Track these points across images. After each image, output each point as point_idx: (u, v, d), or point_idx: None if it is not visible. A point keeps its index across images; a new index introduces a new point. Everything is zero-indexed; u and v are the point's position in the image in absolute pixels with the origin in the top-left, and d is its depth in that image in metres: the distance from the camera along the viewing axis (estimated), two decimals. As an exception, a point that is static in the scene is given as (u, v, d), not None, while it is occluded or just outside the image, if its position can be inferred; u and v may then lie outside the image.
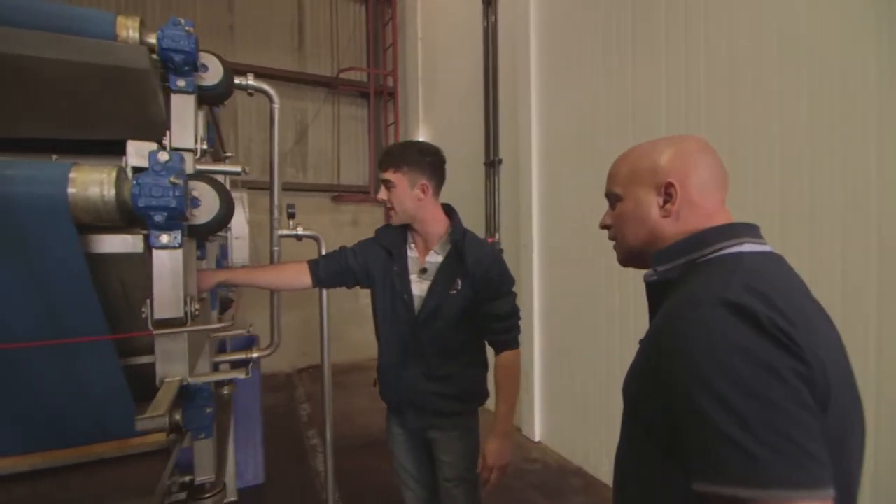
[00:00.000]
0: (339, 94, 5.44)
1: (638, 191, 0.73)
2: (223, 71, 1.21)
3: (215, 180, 0.99)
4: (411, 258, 1.54)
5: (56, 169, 0.72)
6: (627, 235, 0.76)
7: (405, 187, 1.42)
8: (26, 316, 0.80)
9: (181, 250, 0.85)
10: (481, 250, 1.49)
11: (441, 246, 1.50)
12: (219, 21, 4.93)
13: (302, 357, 5.07)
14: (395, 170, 1.42)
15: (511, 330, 1.50)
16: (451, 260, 1.47)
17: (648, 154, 0.74)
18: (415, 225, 1.50)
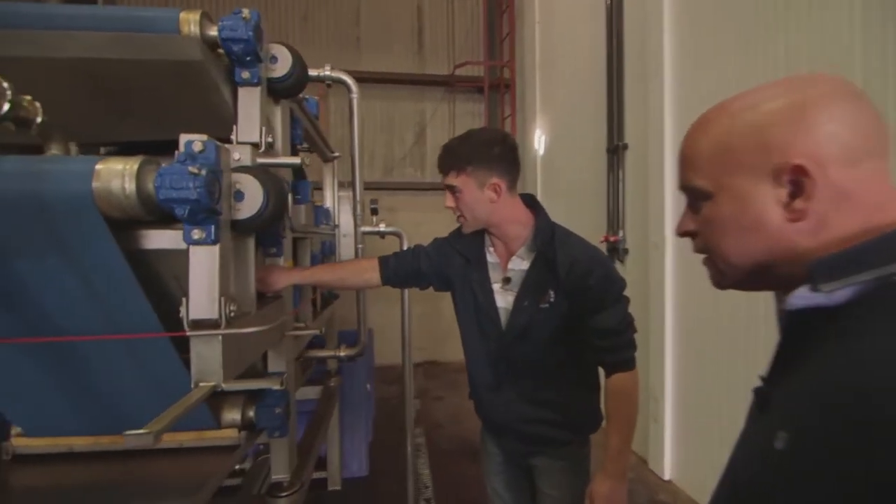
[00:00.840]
0: (455, 92, 5.42)
1: (738, 182, 0.46)
2: (292, 61, 1.17)
3: (267, 174, 0.92)
4: (492, 264, 1.32)
5: (83, 163, 0.70)
6: (729, 250, 0.48)
7: (473, 191, 1.19)
8: (80, 312, 0.82)
9: (217, 247, 0.79)
10: (576, 251, 1.22)
11: (526, 250, 1.26)
12: (347, 34, 5.30)
13: (418, 352, 5.19)
14: (459, 172, 1.19)
15: (622, 348, 1.21)
16: (539, 266, 1.23)
17: (749, 117, 0.45)
18: (491, 229, 1.28)
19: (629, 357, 1.21)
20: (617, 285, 1.21)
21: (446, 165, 1.22)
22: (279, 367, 1.27)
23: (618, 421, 1.20)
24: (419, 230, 5.48)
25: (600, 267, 1.20)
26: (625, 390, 1.21)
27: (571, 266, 1.19)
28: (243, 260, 0.99)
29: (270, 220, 0.91)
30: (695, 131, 0.50)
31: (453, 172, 1.21)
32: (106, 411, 1.03)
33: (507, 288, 1.28)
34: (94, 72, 0.93)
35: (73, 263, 0.75)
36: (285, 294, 1.29)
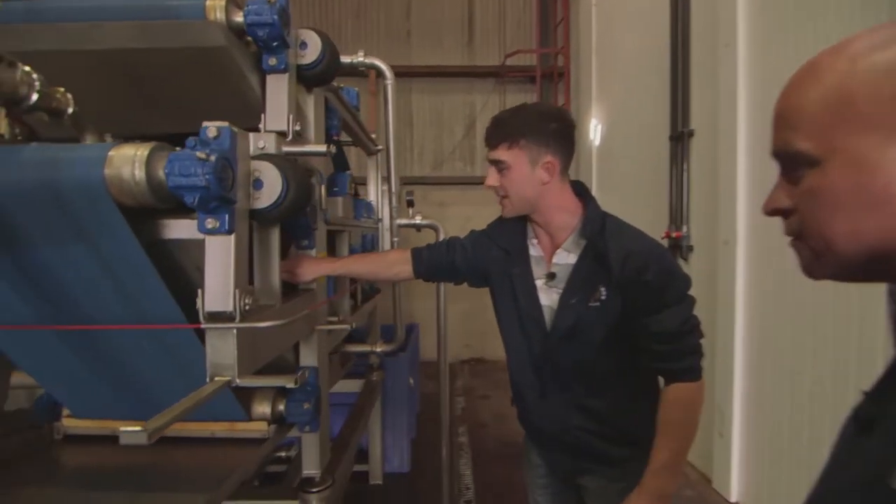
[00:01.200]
0: (506, 82, 5.27)
1: (858, 144, 0.35)
2: (322, 47, 1.12)
3: (289, 162, 0.88)
4: (535, 257, 1.20)
5: (97, 150, 0.69)
6: (837, 232, 0.37)
7: (524, 168, 1.07)
8: (105, 300, 0.82)
9: (231, 237, 0.76)
10: (631, 242, 1.08)
11: (573, 241, 1.13)
12: (398, 28, 5.30)
13: (465, 349, 5.13)
14: (511, 144, 1.07)
15: (684, 354, 1.06)
16: (588, 260, 1.10)
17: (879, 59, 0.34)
18: (535, 216, 1.15)
19: (692, 365, 1.06)
20: (680, 282, 1.06)
21: (496, 137, 1.10)
22: (310, 361, 1.25)
23: (670, 434, 1.06)
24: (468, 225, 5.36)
25: (660, 261, 1.05)
26: (684, 402, 1.06)
27: (626, 259, 1.05)
28: (267, 251, 0.96)
29: (291, 209, 0.87)
30: (799, 81, 0.39)
31: (504, 145, 1.08)
32: (141, 397, 1.05)
33: (551, 284, 1.15)
34: (124, 63, 0.93)
35: (94, 252, 0.75)
36: (318, 286, 1.26)
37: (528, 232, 1.21)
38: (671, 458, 1.06)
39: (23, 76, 0.74)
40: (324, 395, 1.28)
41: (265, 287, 0.96)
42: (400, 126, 5.33)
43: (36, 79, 0.76)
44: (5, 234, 0.72)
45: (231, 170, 0.74)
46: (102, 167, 0.67)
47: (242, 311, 0.78)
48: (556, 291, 1.14)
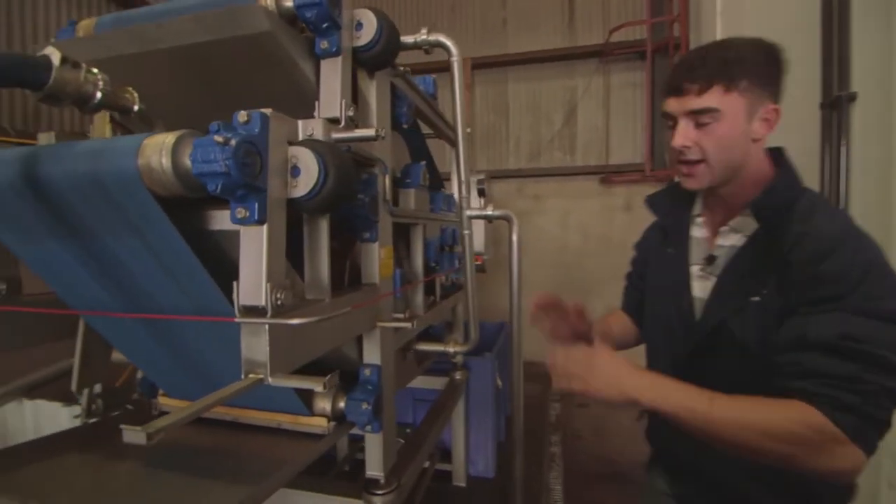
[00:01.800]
0: (610, 61, 4.80)
1: None
2: (378, 25, 1.05)
3: (331, 148, 0.82)
4: (696, 239, 0.99)
5: (134, 140, 0.68)
6: None
7: (741, 118, 0.83)
8: (165, 288, 0.84)
9: (263, 227, 0.72)
10: (822, 224, 0.81)
11: (744, 218, 0.90)
12: (494, 17, 5.16)
13: (564, 350, 4.83)
14: (728, 87, 0.82)
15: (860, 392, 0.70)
16: (759, 243, 0.86)
17: None
18: (723, 187, 0.91)
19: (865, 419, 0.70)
20: (883, 287, 0.75)
21: (703, 75, 0.83)
22: (373, 358, 1.20)
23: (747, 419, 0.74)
24: (568, 219, 5.13)
25: (856, 252, 0.77)
26: (808, 430, 0.71)
27: (798, 240, 0.79)
28: (315, 243, 0.92)
29: (332, 198, 0.81)
30: None
31: (718, 87, 0.82)
32: (212, 381, 1.09)
33: (709, 271, 0.94)
34: (187, 57, 0.95)
35: (142, 241, 0.76)
36: (382, 279, 1.21)
37: (694, 206, 0.99)
38: (696, 414, 0.76)
39: (87, 76, 0.78)
40: (387, 394, 1.22)
41: (314, 281, 0.92)
42: (495, 117, 5.19)
43: (100, 79, 0.79)
44: (72, 224, 0.77)
45: (259, 155, 0.70)
46: (135, 157, 0.66)
47: (274, 306, 0.73)
48: (713, 280, 0.93)
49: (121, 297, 0.91)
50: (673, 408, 0.78)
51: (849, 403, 0.70)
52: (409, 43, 1.20)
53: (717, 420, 0.74)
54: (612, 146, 4.88)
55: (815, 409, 0.71)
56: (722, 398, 0.76)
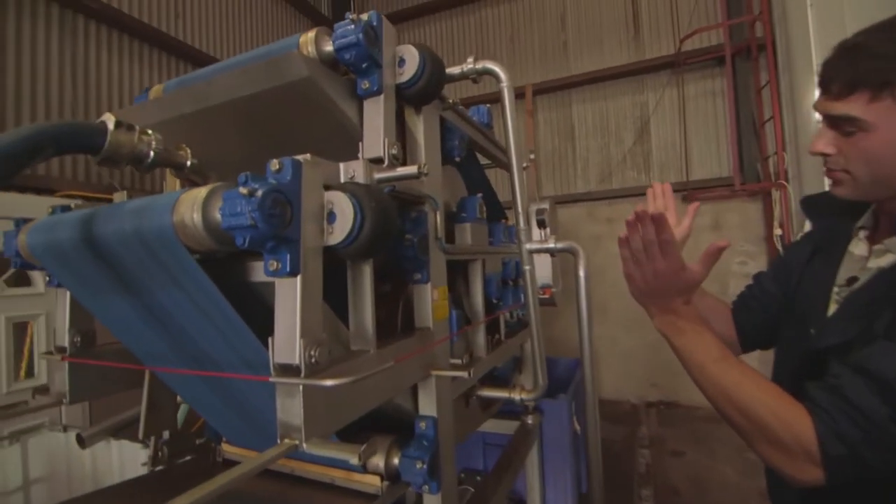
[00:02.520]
0: (684, 71, 4.48)
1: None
2: (420, 60, 1.01)
3: (367, 190, 0.78)
4: (853, 255, 0.84)
5: (170, 196, 0.68)
6: None
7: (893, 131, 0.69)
8: (214, 341, 0.83)
9: (297, 279, 0.68)
10: None
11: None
12: (553, 42, 5.09)
13: (651, 389, 4.35)
14: (877, 93, 0.67)
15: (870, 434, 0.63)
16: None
17: None
18: (889, 203, 0.78)
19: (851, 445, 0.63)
20: None
21: (848, 77, 0.70)
22: (428, 409, 1.10)
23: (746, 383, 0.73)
24: (647, 241, 4.67)
25: None
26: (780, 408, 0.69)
27: None
28: (360, 291, 0.87)
29: (371, 243, 0.75)
30: None
31: (865, 92, 0.68)
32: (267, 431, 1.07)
33: (843, 295, 0.82)
34: (237, 110, 0.98)
35: (188, 295, 0.75)
36: (436, 324, 1.13)
37: (864, 217, 0.85)
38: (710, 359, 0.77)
39: (141, 137, 0.80)
40: (446, 449, 1.12)
41: (358, 330, 0.86)
42: (560, 141, 5.04)
43: (153, 139, 0.82)
44: (127, 279, 0.78)
45: (289, 204, 0.66)
46: (170, 213, 0.65)
47: (309, 365, 0.67)
48: None
49: (176, 348, 0.92)
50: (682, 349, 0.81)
51: (849, 436, 0.64)
52: (455, 74, 1.15)
53: (712, 376, 0.76)
54: (693, 161, 4.48)
55: (812, 421, 0.66)
56: (730, 363, 0.76)
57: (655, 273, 0.80)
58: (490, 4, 5.33)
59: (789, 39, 3.83)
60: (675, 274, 0.79)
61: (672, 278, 0.80)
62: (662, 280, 0.80)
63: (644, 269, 0.81)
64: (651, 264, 0.80)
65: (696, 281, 0.82)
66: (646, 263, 0.81)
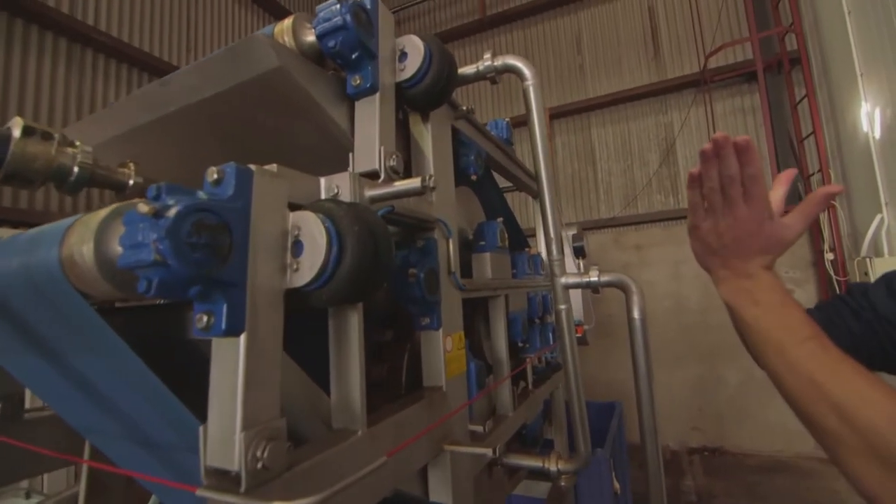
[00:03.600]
0: (711, 88, 4.26)
1: None
2: (424, 52, 0.82)
3: (354, 211, 0.56)
4: None
5: (62, 223, 0.47)
6: None
7: None
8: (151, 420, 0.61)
9: (239, 339, 0.46)
10: None
11: None
12: (570, 64, 4.96)
13: (693, 433, 3.91)
14: None
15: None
16: None
17: None
18: None
19: None
20: None
21: None
22: (442, 495, 0.85)
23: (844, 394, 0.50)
24: (680, 270, 4.40)
25: None
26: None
27: None
28: (343, 349, 0.64)
29: (352, 283, 0.54)
30: None
31: None
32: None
33: None
34: (202, 117, 0.79)
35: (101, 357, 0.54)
36: (450, 382, 0.89)
37: None
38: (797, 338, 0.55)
39: (60, 148, 0.61)
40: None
41: (342, 403, 0.63)
42: (580, 165, 4.83)
43: (79, 151, 0.63)
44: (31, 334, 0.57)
45: (227, 230, 0.44)
46: (58, 246, 0.44)
47: (253, 472, 0.44)
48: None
49: (112, 422, 0.70)
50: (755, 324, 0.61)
51: None
52: (470, 74, 0.96)
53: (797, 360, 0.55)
54: (725, 182, 4.20)
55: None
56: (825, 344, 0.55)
57: (735, 221, 0.62)
58: (503, 32, 5.27)
59: (825, 50, 3.60)
60: (760, 225, 0.62)
61: (755, 229, 0.62)
62: (742, 230, 0.62)
63: (719, 217, 0.63)
64: (730, 210, 0.62)
65: (788, 238, 0.63)
66: (723, 209, 0.62)
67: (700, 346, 3.90)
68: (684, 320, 4.05)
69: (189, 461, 0.59)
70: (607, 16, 4.80)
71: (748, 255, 0.63)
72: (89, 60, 3.48)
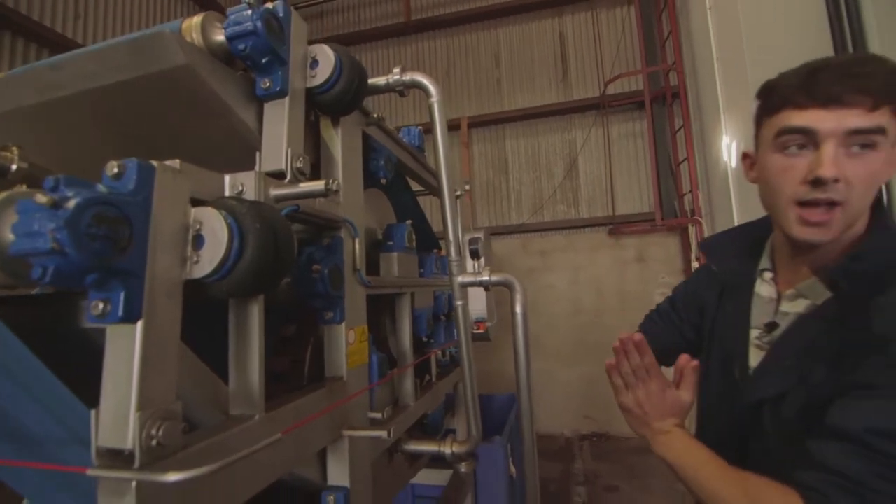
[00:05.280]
0: (609, 112, 4.76)
1: None
2: (336, 61, 0.88)
3: (256, 209, 0.60)
4: (762, 298, 0.85)
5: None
6: None
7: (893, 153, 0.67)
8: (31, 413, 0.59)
9: (136, 326, 0.48)
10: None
11: (817, 283, 0.76)
12: (488, 78, 5.22)
13: (584, 421, 4.33)
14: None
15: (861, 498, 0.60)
16: (831, 314, 0.72)
17: None
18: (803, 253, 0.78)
19: None
20: None
21: (879, 88, 0.65)
22: (339, 478, 0.91)
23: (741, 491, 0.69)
24: (578, 275, 4.85)
25: None
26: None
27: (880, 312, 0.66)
28: (243, 338, 0.67)
29: (253, 276, 0.58)
30: None
31: (888, 107, 0.65)
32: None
33: (766, 341, 0.82)
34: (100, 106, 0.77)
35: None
36: (351, 372, 0.95)
37: (763, 258, 0.87)
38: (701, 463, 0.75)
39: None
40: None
41: (241, 390, 0.66)
42: (494, 173, 5.10)
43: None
44: None
45: (127, 222, 0.47)
46: (-68, 231, 0.43)
47: (146, 450, 0.47)
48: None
49: None
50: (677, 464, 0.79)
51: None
52: (380, 85, 1.03)
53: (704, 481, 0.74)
54: (618, 196, 4.71)
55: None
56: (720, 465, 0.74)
57: (648, 393, 0.82)
58: (427, 38, 5.39)
59: (699, 88, 4.20)
60: (664, 392, 0.82)
61: (662, 396, 0.82)
62: (655, 399, 0.82)
63: (637, 392, 0.84)
64: (643, 384, 0.83)
65: (686, 401, 0.83)
66: (637, 385, 0.83)
67: (592, 344, 4.35)
68: (580, 321, 4.49)
69: (68, 454, 0.59)
70: (524, 36, 5.14)
71: (663, 417, 0.82)
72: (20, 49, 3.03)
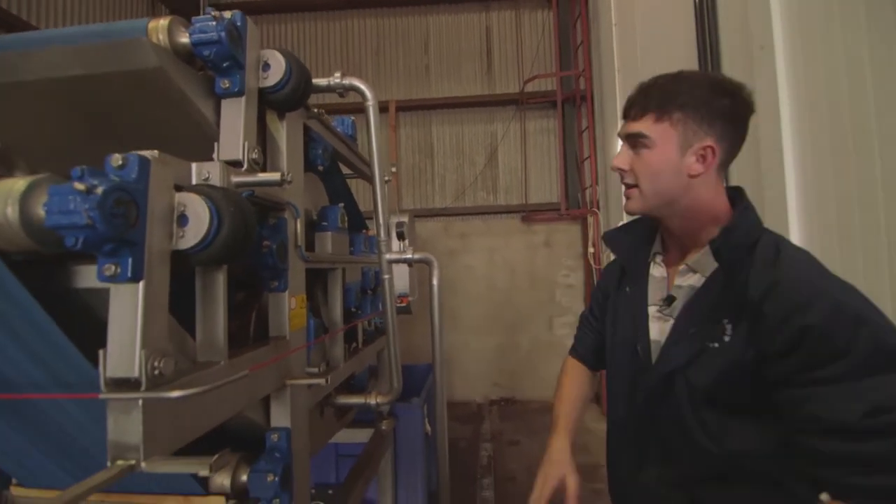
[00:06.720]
0: (526, 109, 5.16)
1: None
2: (286, 67, 1.02)
3: (227, 194, 0.75)
4: (655, 278, 0.97)
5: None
6: None
7: (670, 150, 0.83)
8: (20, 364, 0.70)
9: (139, 285, 0.63)
10: (790, 272, 0.77)
11: (703, 257, 0.87)
12: (417, 64, 5.36)
13: (493, 388, 4.81)
14: (660, 116, 0.83)
15: (869, 467, 0.68)
16: (717, 284, 0.84)
17: None
18: (669, 221, 0.91)
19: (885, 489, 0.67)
20: (878, 342, 0.69)
21: (640, 104, 0.86)
22: (282, 421, 1.08)
23: None
24: (494, 257, 5.28)
25: (839, 306, 0.71)
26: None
27: (773, 289, 0.75)
28: (210, 299, 0.82)
29: (228, 248, 0.74)
30: None
31: (651, 115, 0.84)
32: (81, 464, 0.92)
33: (666, 313, 0.91)
34: (63, 92, 0.85)
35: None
36: (292, 333, 1.12)
37: (655, 242, 0.99)
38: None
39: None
40: (300, 461, 1.10)
41: (208, 341, 0.82)
42: (420, 157, 5.30)
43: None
44: None
45: (135, 204, 0.61)
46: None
47: (151, 377, 0.63)
48: (671, 322, 0.90)
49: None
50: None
51: (885, 487, 0.66)
52: (322, 86, 1.17)
53: None
54: (531, 187, 5.17)
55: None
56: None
57: None
58: (356, 16, 5.36)
59: (603, 94, 4.73)
60: None
61: None
62: None
63: None
64: None
65: None
66: None
67: (504, 319, 4.81)
68: (495, 297, 4.92)
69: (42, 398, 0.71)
70: (453, 25, 5.33)
71: None
72: None
